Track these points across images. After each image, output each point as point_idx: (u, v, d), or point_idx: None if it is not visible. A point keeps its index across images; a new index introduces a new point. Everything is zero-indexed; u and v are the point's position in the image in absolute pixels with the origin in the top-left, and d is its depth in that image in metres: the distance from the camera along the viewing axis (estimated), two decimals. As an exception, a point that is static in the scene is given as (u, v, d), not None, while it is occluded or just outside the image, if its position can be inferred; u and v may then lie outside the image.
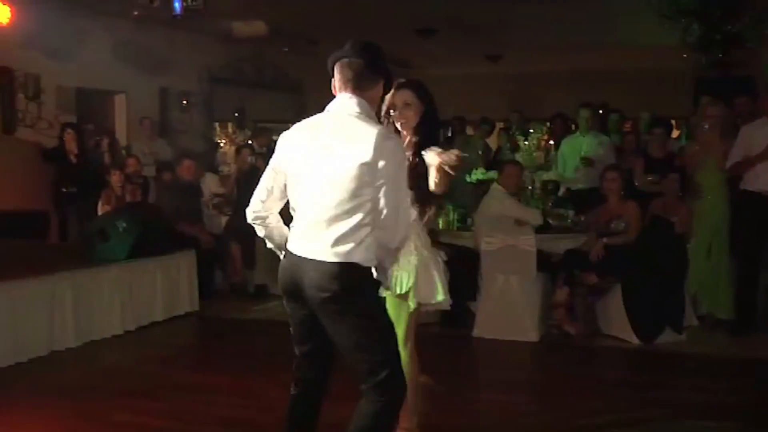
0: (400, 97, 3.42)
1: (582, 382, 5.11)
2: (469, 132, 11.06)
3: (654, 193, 6.67)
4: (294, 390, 3.03)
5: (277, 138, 3.10)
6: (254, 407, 4.32)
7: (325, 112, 2.91)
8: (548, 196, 7.25)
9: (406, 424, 3.63)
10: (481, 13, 9.71)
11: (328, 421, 3.12)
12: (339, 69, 2.90)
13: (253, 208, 2.99)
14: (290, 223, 2.97)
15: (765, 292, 6.34)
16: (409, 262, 3.41)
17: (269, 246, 3.09)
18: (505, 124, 11.15)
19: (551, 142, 8.12)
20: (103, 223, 6.49)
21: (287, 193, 2.93)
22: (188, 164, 8.03)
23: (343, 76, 2.88)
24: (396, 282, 3.40)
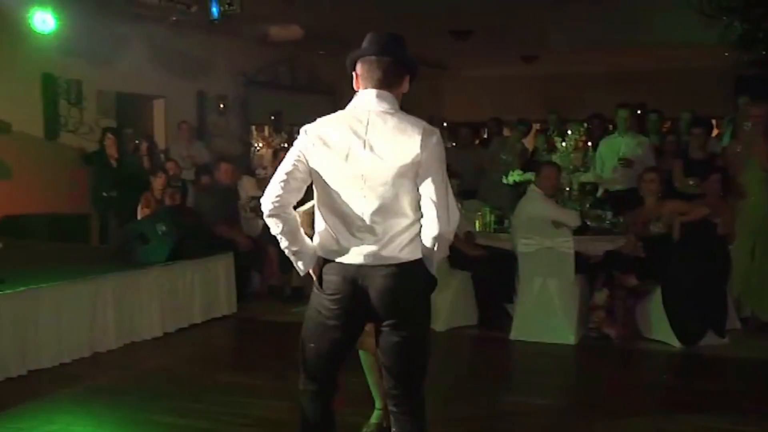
0: None
1: (621, 386, 5.04)
2: (506, 133, 10.99)
3: (694, 195, 6.57)
4: (310, 403, 2.94)
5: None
6: (291, 409, 4.32)
7: (356, 109, 2.80)
8: (586, 198, 7.17)
9: (382, 405, 3.78)
10: (516, 14, 9.65)
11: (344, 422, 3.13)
12: (365, 67, 2.80)
13: (271, 199, 2.77)
14: (316, 223, 2.86)
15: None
16: None
17: (283, 246, 2.85)
18: (542, 126, 11.07)
19: (589, 143, 8.02)
20: (143, 227, 6.58)
21: (315, 190, 2.83)
22: (226, 168, 8.10)
23: (371, 75, 2.79)
24: None
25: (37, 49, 8.22)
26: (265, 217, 2.81)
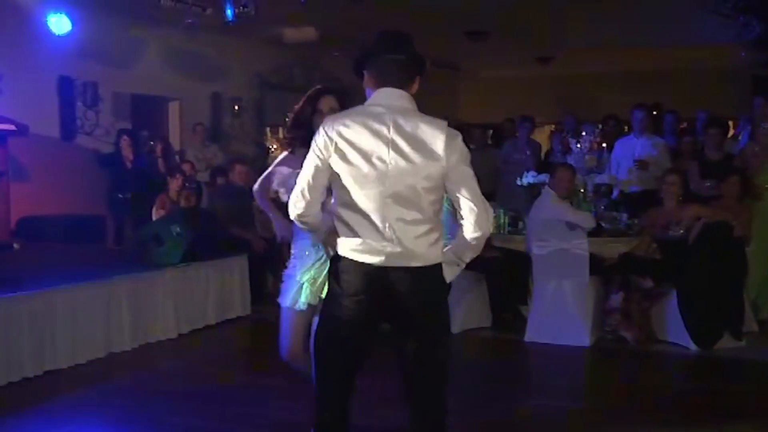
0: (327, 103, 3.45)
1: (637, 389, 5.00)
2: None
3: (711, 197, 6.51)
4: (325, 396, 2.92)
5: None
6: (306, 410, 4.32)
7: (378, 107, 2.75)
8: (601, 200, 7.14)
9: None
10: (532, 14, 9.62)
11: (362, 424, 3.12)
12: (380, 66, 2.78)
13: (297, 205, 2.79)
14: (338, 222, 2.84)
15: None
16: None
17: (313, 238, 2.97)
18: (556, 127, 11.00)
19: (604, 145, 7.98)
20: (158, 228, 6.61)
21: (335, 190, 2.80)
22: (240, 169, 8.13)
23: (387, 73, 2.76)
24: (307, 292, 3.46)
25: (53, 52, 8.29)
26: (291, 218, 2.88)
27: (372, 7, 8.78)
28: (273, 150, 10.21)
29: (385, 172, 2.68)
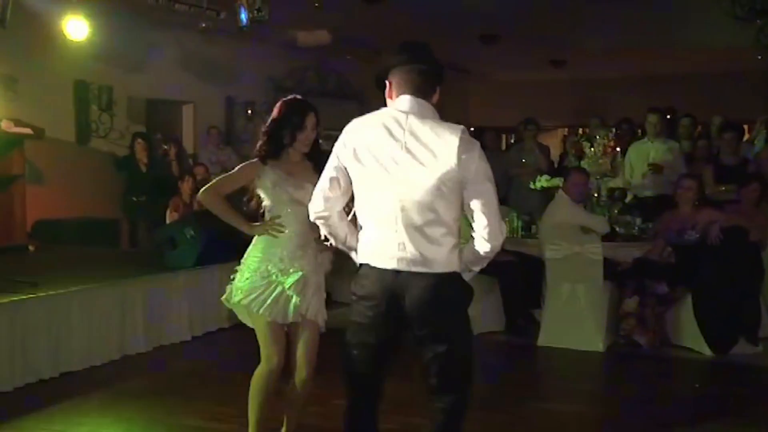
0: (311, 120, 3.46)
1: (651, 394, 4.98)
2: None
3: (727, 201, 6.47)
4: (353, 403, 2.92)
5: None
6: (318, 414, 4.34)
7: (394, 111, 2.75)
8: (615, 204, 7.11)
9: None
10: (546, 18, 9.59)
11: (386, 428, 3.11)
12: (403, 75, 2.76)
13: (315, 208, 2.84)
14: (358, 227, 2.85)
15: None
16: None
17: (333, 243, 2.95)
18: (570, 130, 10.95)
19: (617, 149, 7.94)
20: (172, 231, 6.64)
21: (353, 194, 2.80)
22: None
23: (409, 82, 2.75)
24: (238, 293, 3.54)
25: (69, 56, 8.34)
26: (312, 220, 2.92)
27: (385, 11, 8.78)
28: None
29: (398, 175, 2.67)
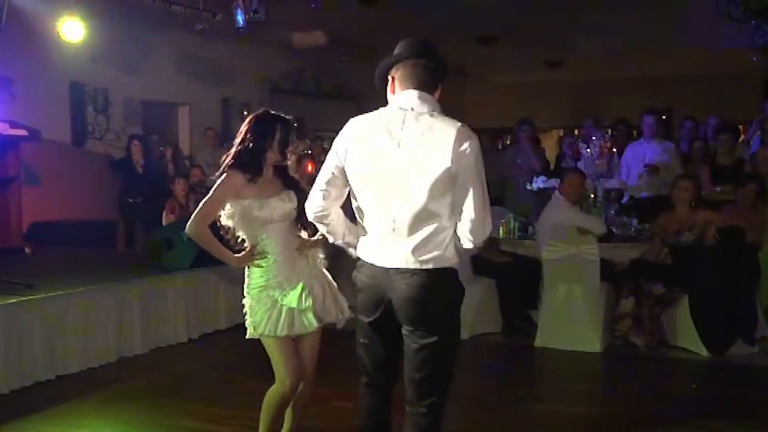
0: (282, 131, 3.55)
1: (648, 395, 4.98)
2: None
3: (724, 202, 6.48)
4: (366, 397, 2.98)
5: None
6: (318, 415, 4.33)
7: (394, 108, 2.76)
8: (611, 205, 7.12)
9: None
10: (543, 19, 9.61)
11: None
12: (405, 70, 2.76)
13: (314, 207, 2.85)
14: (357, 225, 2.88)
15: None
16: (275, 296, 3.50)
17: (331, 241, 2.96)
18: (565, 131, 10.96)
19: (614, 150, 7.96)
20: (168, 233, 6.62)
21: (350, 191, 2.82)
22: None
23: (412, 77, 2.75)
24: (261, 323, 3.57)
25: (65, 58, 8.33)
26: (310, 220, 2.93)
27: (382, 12, 8.79)
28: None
29: (392, 171, 2.68)
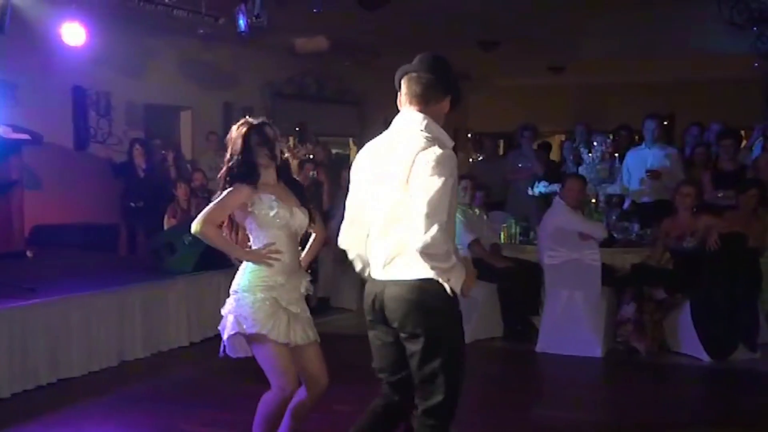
0: (269, 131, 3.58)
1: (650, 400, 4.97)
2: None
3: (726, 207, 6.47)
4: (378, 405, 3.00)
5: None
6: (318, 420, 4.33)
7: (391, 131, 2.88)
8: (613, 210, 7.12)
9: None
10: (545, 24, 9.61)
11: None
12: (406, 83, 2.86)
13: (340, 240, 3.04)
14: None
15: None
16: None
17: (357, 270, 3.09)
18: (568, 136, 10.95)
19: (616, 155, 7.95)
20: (170, 237, 6.63)
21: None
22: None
23: (410, 91, 2.84)
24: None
25: (68, 62, 8.34)
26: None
27: (384, 17, 8.80)
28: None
29: (374, 190, 2.84)
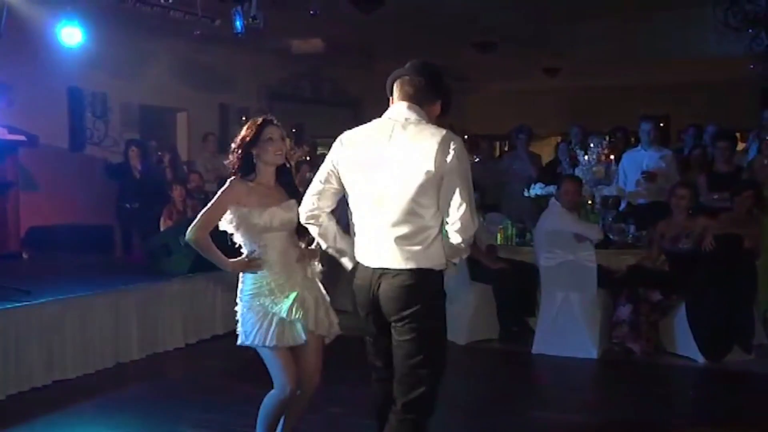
0: (276, 131, 3.42)
1: (645, 401, 4.98)
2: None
3: (721, 209, 6.48)
4: (377, 391, 3.04)
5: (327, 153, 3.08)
6: (315, 421, 4.33)
7: (384, 119, 2.91)
8: (609, 211, 7.13)
9: None
10: (540, 26, 9.63)
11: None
12: (399, 85, 2.92)
13: (306, 208, 3.01)
14: (350, 235, 2.98)
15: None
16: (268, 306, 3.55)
17: (324, 248, 3.08)
18: (563, 138, 10.96)
19: (611, 157, 7.96)
20: (166, 238, 6.62)
21: (344, 196, 2.95)
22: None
23: (402, 92, 2.90)
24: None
25: (63, 63, 8.33)
26: (302, 223, 3.06)
27: (380, 19, 8.81)
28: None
29: (379, 179, 2.81)
